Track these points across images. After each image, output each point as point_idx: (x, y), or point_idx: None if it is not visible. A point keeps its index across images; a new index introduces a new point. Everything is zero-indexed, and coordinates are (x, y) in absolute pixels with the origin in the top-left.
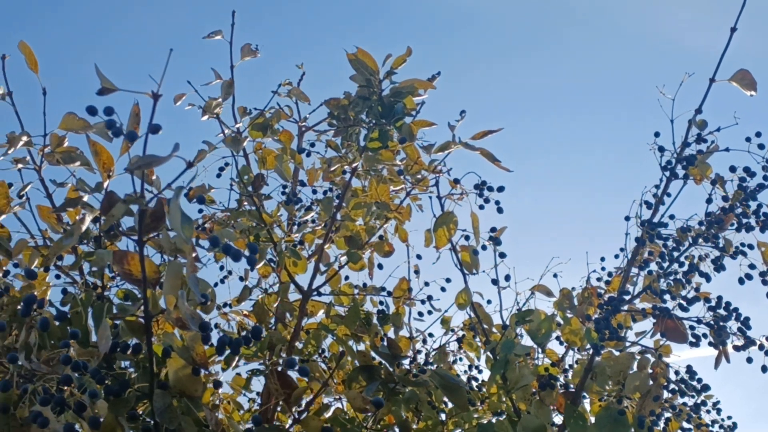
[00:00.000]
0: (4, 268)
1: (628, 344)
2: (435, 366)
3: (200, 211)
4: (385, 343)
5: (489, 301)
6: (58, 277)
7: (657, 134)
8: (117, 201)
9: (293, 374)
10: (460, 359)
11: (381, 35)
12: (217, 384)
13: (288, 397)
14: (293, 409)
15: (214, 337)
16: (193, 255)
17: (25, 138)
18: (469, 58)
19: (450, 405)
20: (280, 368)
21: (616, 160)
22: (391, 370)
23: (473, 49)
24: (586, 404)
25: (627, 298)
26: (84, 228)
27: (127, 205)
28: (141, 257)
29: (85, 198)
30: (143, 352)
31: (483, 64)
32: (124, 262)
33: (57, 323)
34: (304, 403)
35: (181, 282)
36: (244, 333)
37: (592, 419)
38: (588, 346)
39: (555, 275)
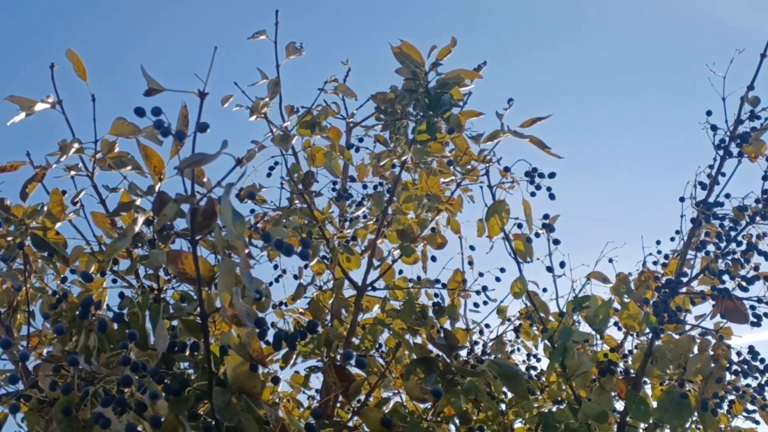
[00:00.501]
0: (61, 275)
1: (688, 327)
2: (493, 356)
3: (252, 210)
4: (442, 335)
5: (545, 289)
6: (114, 281)
7: (709, 113)
8: (168, 201)
9: (351, 368)
10: (518, 349)
11: (424, 26)
12: (276, 380)
13: (346, 390)
14: (352, 402)
15: (271, 334)
16: (246, 252)
17: (76, 145)
18: (513, 44)
19: (510, 395)
20: (337, 363)
21: (668, 142)
22: (448, 361)
23: (516, 36)
24: (648, 389)
25: (685, 280)
26: (137, 229)
27: (179, 205)
28: (194, 256)
29: (138, 202)
30: (201, 351)
31: (527, 50)
32: (178, 262)
33: (115, 326)
34: (362, 396)
35: (235, 279)
36: (309, 320)
37: (654, 404)
38: (647, 330)
39: (611, 260)
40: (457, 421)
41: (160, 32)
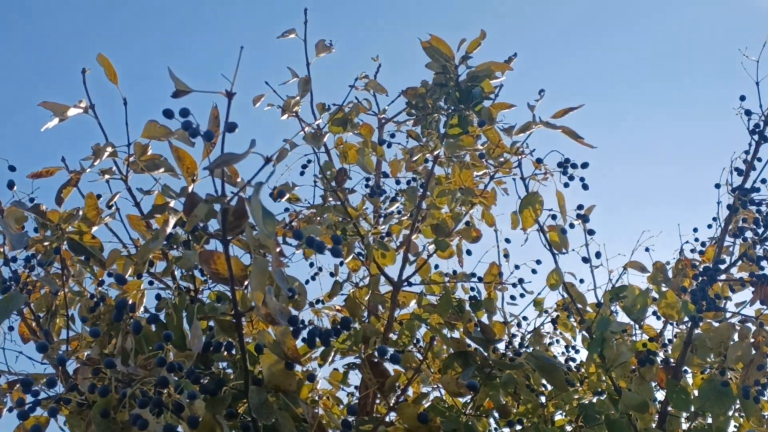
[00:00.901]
0: (99, 279)
1: (728, 315)
2: (531, 349)
3: (286, 209)
4: (479, 329)
5: (581, 280)
6: (151, 283)
7: (743, 98)
8: (199, 201)
9: (387, 364)
10: (557, 341)
11: (452, 19)
12: (311, 377)
13: (381, 386)
14: (388, 398)
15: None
16: (278, 250)
17: (109, 149)
18: (544, 33)
19: (549, 387)
20: (373, 359)
21: (703, 128)
22: (486, 354)
23: (545, 26)
24: (688, 378)
25: (723, 267)
26: (169, 230)
27: (209, 205)
28: (226, 255)
29: (172, 203)
30: (237, 350)
31: (558, 40)
32: (211, 262)
33: (153, 327)
34: (400, 392)
35: (268, 278)
36: (342, 317)
37: (695, 393)
38: (686, 319)
39: (647, 249)
40: (496, 415)
41: (190, 34)
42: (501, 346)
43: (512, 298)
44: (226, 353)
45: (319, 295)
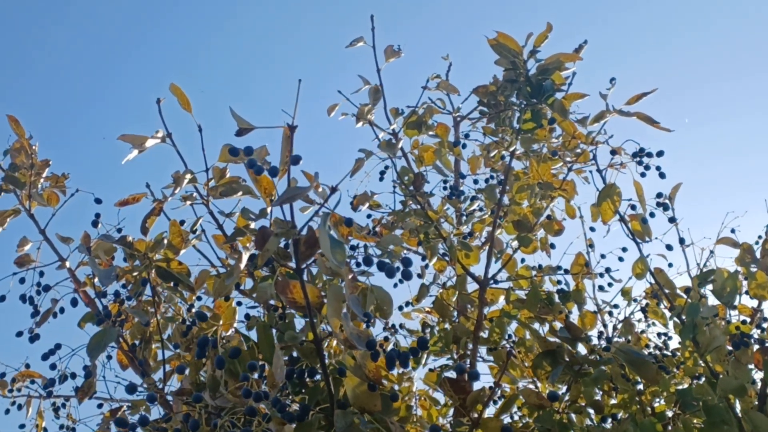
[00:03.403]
0: (189, 303)
1: None
2: (622, 339)
3: (369, 216)
4: (564, 327)
5: (670, 264)
6: (239, 304)
7: None
8: (270, 235)
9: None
10: (650, 325)
11: (514, 15)
12: (394, 397)
13: (463, 401)
14: (470, 414)
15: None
16: (350, 276)
17: (189, 176)
18: (617, 26)
19: None
20: (453, 374)
21: None
22: (574, 352)
23: (620, 15)
24: None
25: None
26: (243, 266)
27: (280, 239)
28: (302, 285)
29: (252, 225)
30: (320, 376)
31: (632, 31)
32: (287, 291)
33: (238, 355)
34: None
35: (343, 303)
36: (419, 338)
37: None
38: None
39: (733, 231)
40: (591, 411)
41: (258, 60)
42: (594, 334)
43: (600, 287)
44: (308, 378)
45: (407, 298)
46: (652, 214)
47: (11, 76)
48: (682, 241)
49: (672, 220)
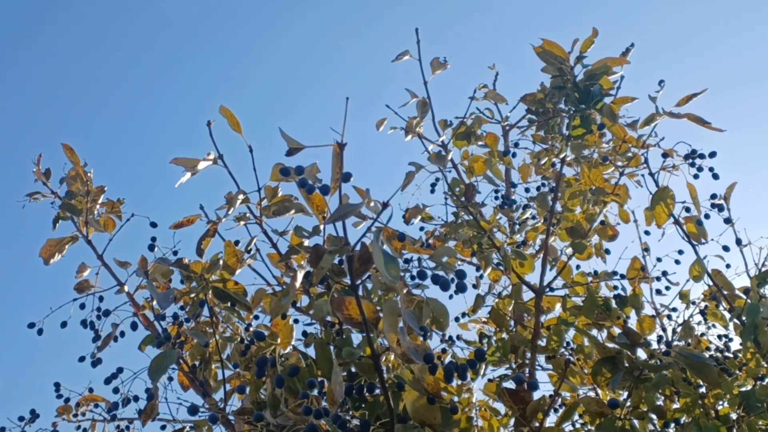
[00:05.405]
0: (246, 322)
1: None
2: (682, 342)
3: (421, 228)
4: (623, 332)
5: (728, 266)
6: (296, 321)
7: None
8: (324, 252)
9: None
10: (709, 327)
11: (557, 22)
12: (454, 410)
13: (523, 412)
14: (531, 423)
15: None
16: (405, 291)
17: (241, 196)
18: (665, 28)
19: None
20: (512, 384)
21: None
22: (633, 357)
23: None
24: None
25: None
26: (298, 284)
27: (333, 256)
28: (357, 301)
29: (306, 242)
30: (379, 390)
31: (680, 33)
32: (343, 308)
33: (298, 370)
34: (549, 398)
35: (399, 317)
36: (476, 349)
37: None
38: None
39: None
40: (654, 417)
41: (305, 78)
42: (653, 338)
43: (657, 292)
44: (367, 393)
45: (463, 309)
46: (707, 216)
47: (66, 104)
48: (739, 241)
49: (728, 220)
